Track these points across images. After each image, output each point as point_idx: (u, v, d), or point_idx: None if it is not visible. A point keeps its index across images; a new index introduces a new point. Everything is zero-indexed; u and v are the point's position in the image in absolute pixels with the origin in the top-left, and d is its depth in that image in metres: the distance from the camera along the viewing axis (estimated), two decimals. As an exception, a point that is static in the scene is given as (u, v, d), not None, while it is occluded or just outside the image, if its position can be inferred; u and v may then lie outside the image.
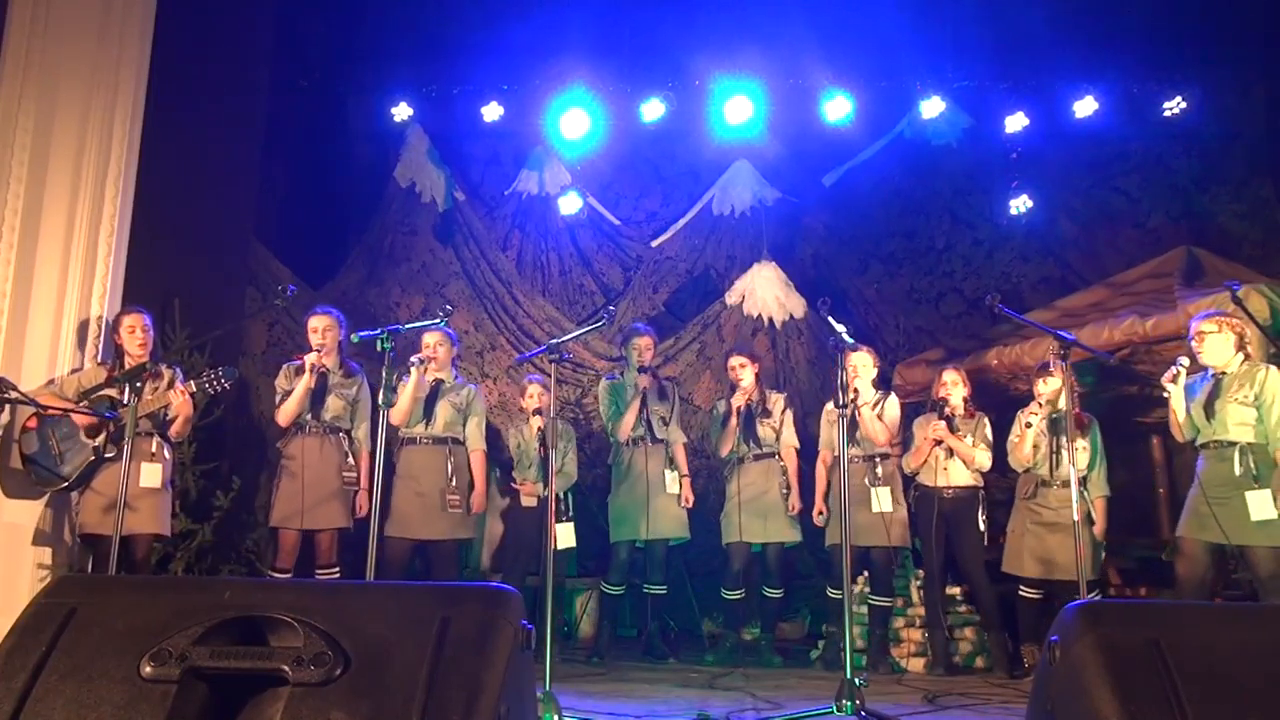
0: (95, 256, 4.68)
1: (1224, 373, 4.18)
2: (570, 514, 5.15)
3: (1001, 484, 5.29)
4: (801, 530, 5.25)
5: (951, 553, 5.01)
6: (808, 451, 5.45)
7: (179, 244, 5.29)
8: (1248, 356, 4.22)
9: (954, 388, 5.01)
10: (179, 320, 5.16)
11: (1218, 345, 4.17)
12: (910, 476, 5.12)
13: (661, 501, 5.20)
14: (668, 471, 5.24)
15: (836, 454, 5.13)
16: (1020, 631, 4.89)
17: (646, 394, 5.27)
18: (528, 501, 5.33)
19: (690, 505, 5.30)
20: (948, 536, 4.96)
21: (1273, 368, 4.19)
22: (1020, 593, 4.85)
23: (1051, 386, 4.71)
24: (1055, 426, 4.71)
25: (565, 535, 4.99)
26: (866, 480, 4.96)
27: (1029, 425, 4.76)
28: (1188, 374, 4.26)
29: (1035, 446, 4.76)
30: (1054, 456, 4.72)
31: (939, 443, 4.92)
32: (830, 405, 5.29)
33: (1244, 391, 4.11)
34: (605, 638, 5.34)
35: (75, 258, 4.62)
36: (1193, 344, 4.25)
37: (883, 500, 4.93)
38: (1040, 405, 4.73)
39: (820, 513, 5.15)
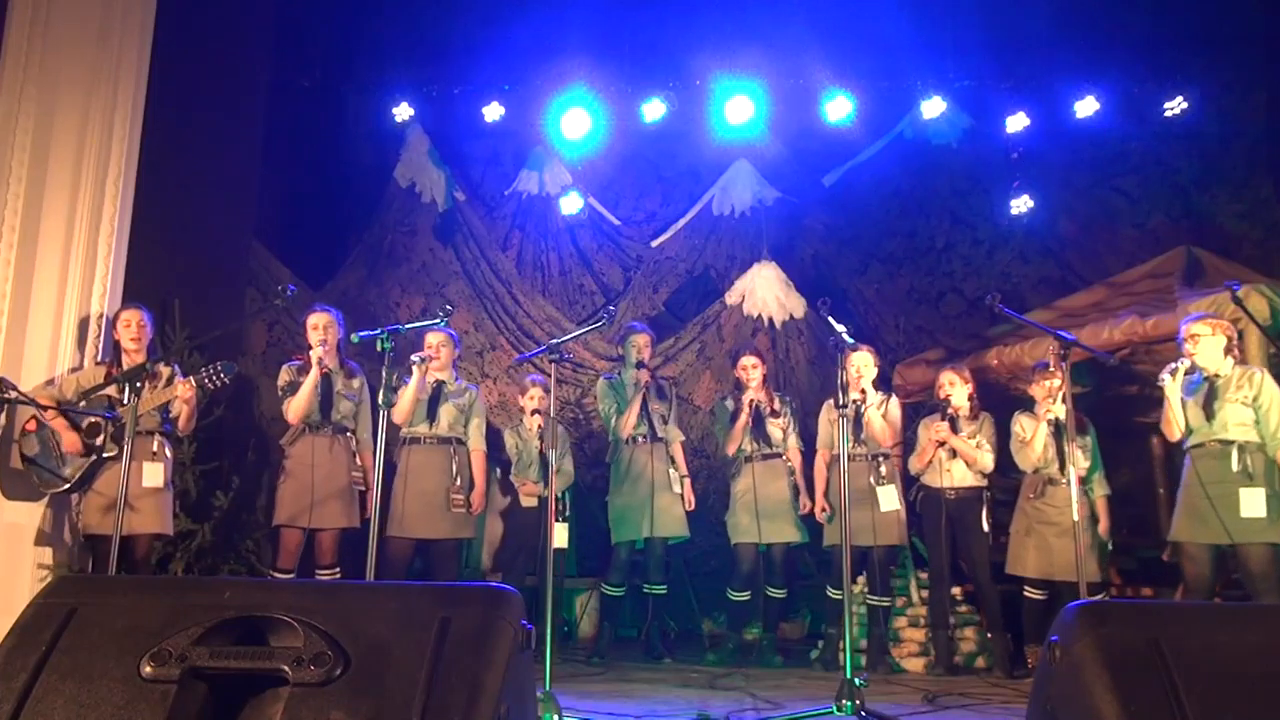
0: (95, 256, 4.67)
1: (1218, 374, 4.22)
2: (566, 514, 5.17)
3: (1000, 484, 5.28)
4: (806, 530, 5.25)
5: (956, 553, 5.00)
6: (807, 452, 5.44)
7: (179, 244, 5.28)
8: (1236, 360, 4.28)
9: (954, 388, 4.99)
10: (179, 320, 5.15)
11: (1211, 347, 4.22)
12: (915, 477, 5.12)
13: (664, 500, 5.17)
14: (671, 470, 5.23)
15: (835, 452, 5.15)
16: (1025, 632, 4.88)
17: (648, 390, 5.27)
18: (528, 501, 5.36)
19: (692, 508, 5.29)
20: (953, 537, 4.96)
21: (1267, 373, 4.25)
22: (1025, 593, 4.84)
23: (1056, 384, 4.70)
24: (1059, 425, 4.70)
25: (559, 535, 5.01)
26: (871, 480, 4.94)
27: (1048, 422, 4.71)
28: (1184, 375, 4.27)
29: (1045, 445, 4.76)
30: (1061, 455, 4.71)
31: (942, 444, 4.93)
32: (830, 404, 5.29)
33: (1243, 392, 4.16)
34: (606, 638, 5.33)
35: (75, 258, 4.61)
36: (1186, 346, 4.27)
37: (889, 499, 4.92)
38: (1053, 403, 4.70)
39: (824, 510, 5.14)
